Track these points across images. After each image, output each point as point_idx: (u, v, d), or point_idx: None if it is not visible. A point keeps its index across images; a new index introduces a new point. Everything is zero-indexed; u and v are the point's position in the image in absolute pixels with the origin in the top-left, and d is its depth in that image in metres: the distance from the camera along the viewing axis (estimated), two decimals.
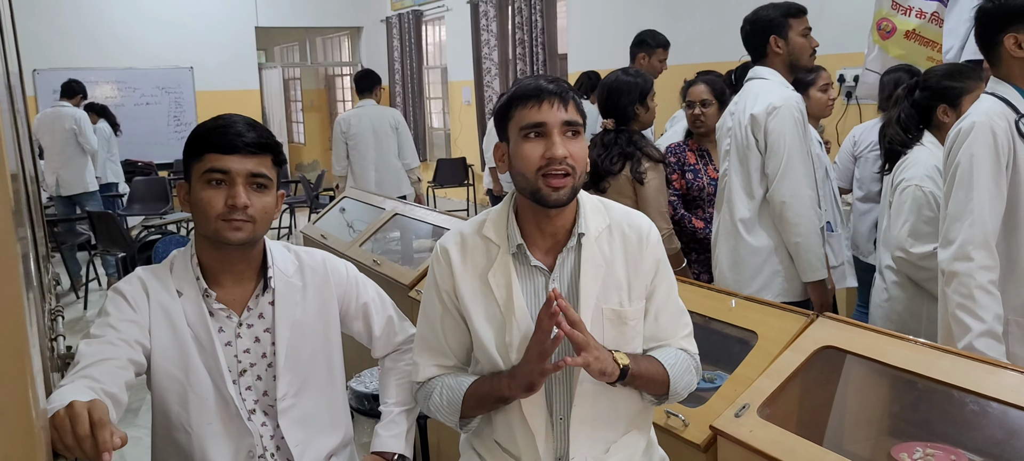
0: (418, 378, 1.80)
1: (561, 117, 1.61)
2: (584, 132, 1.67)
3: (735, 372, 2.11)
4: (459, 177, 10.55)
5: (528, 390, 1.59)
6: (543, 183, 1.62)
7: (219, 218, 1.71)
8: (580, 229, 1.70)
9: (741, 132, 3.00)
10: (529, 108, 1.62)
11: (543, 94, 1.61)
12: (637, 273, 1.72)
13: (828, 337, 2.02)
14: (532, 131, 1.62)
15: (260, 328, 1.83)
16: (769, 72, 3.00)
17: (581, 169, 1.64)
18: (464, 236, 1.76)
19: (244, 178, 1.71)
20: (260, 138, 1.74)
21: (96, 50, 11.10)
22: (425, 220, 4.37)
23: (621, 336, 1.70)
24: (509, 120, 1.67)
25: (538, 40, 9.18)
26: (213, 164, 1.70)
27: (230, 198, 1.70)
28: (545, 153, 1.61)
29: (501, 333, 1.70)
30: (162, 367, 1.76)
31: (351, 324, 1.99)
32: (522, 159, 1.63)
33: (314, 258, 1.93)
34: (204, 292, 1.79)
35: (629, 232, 1.74)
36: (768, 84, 2.98)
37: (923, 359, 1.85)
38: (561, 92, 1.62)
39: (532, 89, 1.63)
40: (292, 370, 1.84)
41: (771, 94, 2.94)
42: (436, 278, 1.76)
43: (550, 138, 1.61)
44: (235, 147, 1.70)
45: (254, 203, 1.72)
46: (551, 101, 1.61)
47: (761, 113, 2.92)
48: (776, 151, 2.91)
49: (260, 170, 1.73)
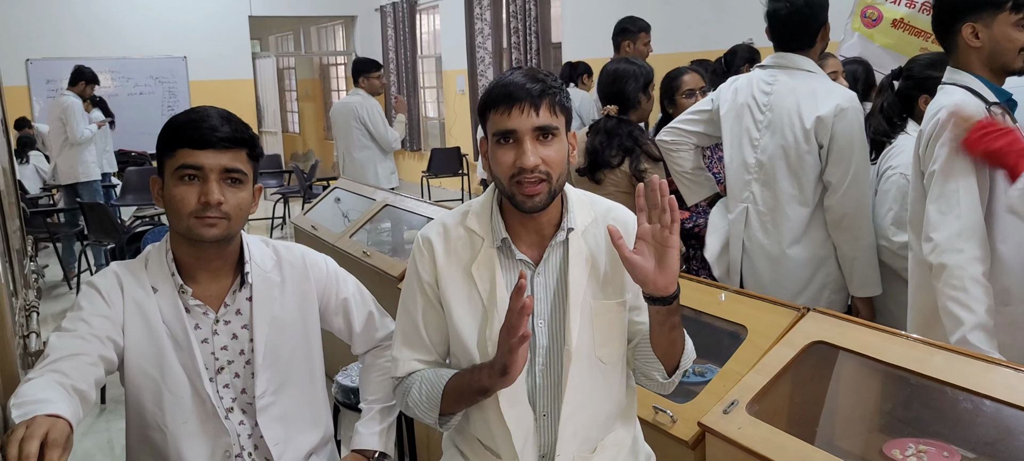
0: (397, 373, 1.75)
1: (532, 123, 1.55)
2: (565, 130, 1.62)
3: (724, 367, 2.07)
4: (453, 166, 10.51)
5: (503, 374, 1.52)
6: (517, 190, 1.58)
7: (192, 216, 1.66)
8: (569, 224, 1.66)
9: (795, 134, 2.69)
10: (500, 113, 1.57)
11: (513, 99, 1.55)
12: (622, 267, 1.68)
13: (819, 332, 1.98)
14: (503, 137, 1.58)
15: (238, 324, 1.79)
16: (811, 64, 2.75)
17: (557, 172, 1.58)
18: (447, 227, 1.72)
19: (218, 174, 1.66)
20: (235, 132, 1.68)
21: (89, 40, 11.04)
22: (416, 211, 4.32)
23: (610, 329, 1.67)
24: (486, 121, 1.62)
25: (532, 29, 9.12)
26: (186, 160, 1.65)
27: (203, 194, 1.65)
28: (516, 161, 1.56)
29: (482, 327, 1.65)
30: (136, 365, 1.71)
31: (331, 320, 1.94)
32: (496, 164, 1.60)
33: (293, 253, 1.89)
34: (180, 288, 1.74)
35: (615, 225, 1.69)
36: (820, 79, 2.73)
37: (916, 355, 1.81)
38: (534, 95, 1.55)
39: (502, 93, 1.57)
40: (271, 367, 1.80)
41: (833, 93, 2.69)
42: (418, 269, 1.71)
43: (521, 146, 1.56)
44: (208, 142, 1.65)
45: (228, 199, 1.67)
46: (522, 106, 1.54)
47: (829, 115, 2.63)
48: (843, 158, 2.63)
49: (235, 165, 1.68)
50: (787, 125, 2.70)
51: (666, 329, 1.60)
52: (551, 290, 1.67)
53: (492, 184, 1.71)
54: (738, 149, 2.86)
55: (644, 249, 1.52)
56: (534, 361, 1.66)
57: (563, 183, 1.64)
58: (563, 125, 1.61)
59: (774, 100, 2.75)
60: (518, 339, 1.46)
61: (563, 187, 1.65)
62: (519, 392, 1.64)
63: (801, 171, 2.70)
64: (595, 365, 1.66)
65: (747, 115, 2.83)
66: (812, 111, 2.65)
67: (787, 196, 2.73)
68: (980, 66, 2.15)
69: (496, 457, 1.69)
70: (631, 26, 4.68)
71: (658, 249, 1.51)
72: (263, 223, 9.45)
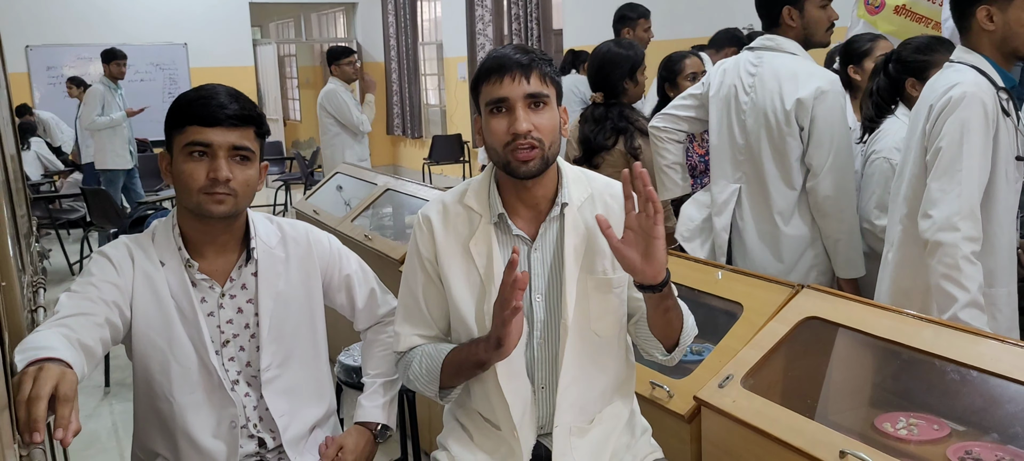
0: (399, 348, 1.80)
1: (524, 90, 1.60)
2: (556, 101, 1.66)
3: (720, 343, 2.10)
4: (455, 153, 10.55)
5: (498, 347, 1.56)
6: (511, 157, 1.62)
7: (201, 191, 1.70)
8: (563, 199, 1.69)
9: (776, 116, 2.70)
10: (492, 83, 1.62)
11: (504, 69, 1.60)
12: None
13: (813, 308, 2.01)
14: (495, 106, 1.62)
15: (243, 299, 1.83)
16: (793, 45, 2.75)
17: (549, 140, 1.63)
18: (446, 205, 1.75)
19: (226, 151, 1.70)
20: (242, 110, 1.72)
21: (90, 26, 11.02)
22: (417, 195, 4.35)
23: (606, 304, 1.70)
24: (479, 95, 1.66)
25: (533, 16, 9.13)
26: (194, 137, 1.68)
27: (212, 171, 1.68)
28: (509, 128, 1.60)
29: (480, 302, 1.69)
30: (144, 335, 1.75)
31: (334, 296, 1.98)
32: (490, 134, 1.64)
33: (297, 230, 1.93)
34: (186, 262, 1.78)
35: (611, 201, 1.73)
36: (800, 61, 2.73)
37: (907, 329, 1.84)
38: (524, 64, 1.60)
39: (494, 64, 1.62)
40: (276, 341, 1.84)
41: (814, 75, 2.67)
42: (418, 246, 1.75)
43: (513, 113, 1.60)
44: (217, 119, 1.68)
45: (236, 176, 1.71)
46: (513, 75, 1.60)
47: (808, 97, 2.63)
48: (823, 142, 2.64)
49: (243, 143, 1.72)
50: (770, 107, 2.72)
51: (660, 312, 1.64)
52: (548, 265, 1.70)
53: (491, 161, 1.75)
54: (727, 131, 2.88)
55: (631, 238, 1.55)
56: (532, 335, 1.70)
57: (556, 153, 1.68)
58: (554, 95, 1.66)
59: (758, 82, 2.77)
60: (510, 312, 1.50)
61: (556, 157, 1.69)
62: (517, 365, 1.68)
63: (784, 153, 2.72)
64: (591, 339, 1.70)
65: (734, 97, 2.85)
66: (792, 93, 2.67)
67: (773, 177, 2.75)
68: (991, 49, 2.17)
69: (495, 429, 1.73)
70: (630, 13, 4.71)
71: (644, 239, 1.53)
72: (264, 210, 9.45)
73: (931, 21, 3.91)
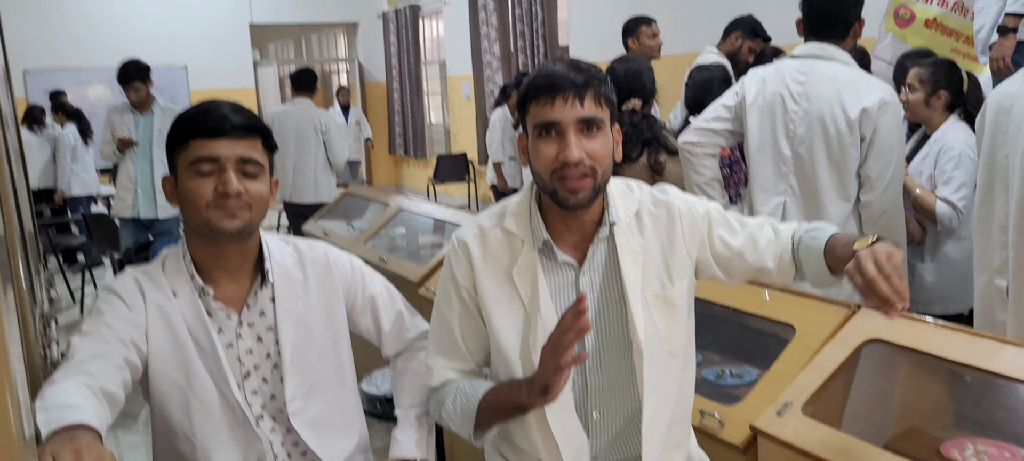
0: (432, 382, 1.68)
1: (577, 114, 1.48)
2: (609, 122, 1.54)
3: (772, 368, 1.98)
4: (460, 173, 10.46)
5: (543, 393, 1.44)
6: (559, 186, 1.50)
7: (210, 206, 1.58)
8: (611, 218, 1.58)
9: (837, 125, 2.60)
10: (542, 104, 1.49)
11: (557, 89, 1.48)
12: (673, 249, 1.61)
13: (874, 330, 1.89)
14: (545, 129, 1.50)
15: (262, 327, 1.70)
16: (846, 56, 2.68)
17: (603, 167, 1.51)
18: (483, 230, 1.64)
19: (234, 163, 1.59)
20: (248, 121, 1.62)
21: (88, 49, 10.93)
22: (430, 215, 4.26)
23: (672, 319, 1.59)
24: (526, 113, 1.54)
25: (539, 32, 9.05)
26: (200, 152, 1.57)
27: (221, 185, 1.57)
28: (559, 154, 1.49)
29: (525, 335, 1.58)
30: (161, 372, 1.63)
31: (358, 320, 1.86)
32: (537, 158, 1.52)
33: (315, 250, 1.81)
34: (200, 290, 1.65)
35: (656, 210, 1.63)
36: (854, 71, 2.66)
37: (979, 351, 1.73)
38: (578, 85, 1.48)
39: (545, 82, 1.49)
40: (299, 370, 1.71)
41: (875, 86, 2.63)
42: (454, 274, 1.63)
43: (565, 138, 1.48)
44: (222, 130, 1.58)
45: (248, 189, 1.60)
46: (565, 96, 1.47)
47: (873, 107, 2.56)
48: (883, 153, 2.57)
49: (250, 155, 1.61)
50: (828, 116, 2.61)
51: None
52: (598, 288, 1.59)
53: (530, 182, 1.63)
54: (770, 141, 2.76)
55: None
56: (583, 364, 1.58)
57: (607, 178, 1.56)
58: (608, 117, 1.54)
59: (810, 89, 2.66)
60: (567, 360, 1.39)
61: (607, 183, 1.57)
62: (565, 401, 1.56)
63: (842, 164, 2.61)
64: (666, 362, 1.59)
65: (779, 105, 2.74)
66: (856, 102, 2.57)
67: (827, 190, 2.64)
68: None
69: None
70: (632, 24, 4.73)
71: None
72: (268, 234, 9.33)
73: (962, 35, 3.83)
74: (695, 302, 1.69)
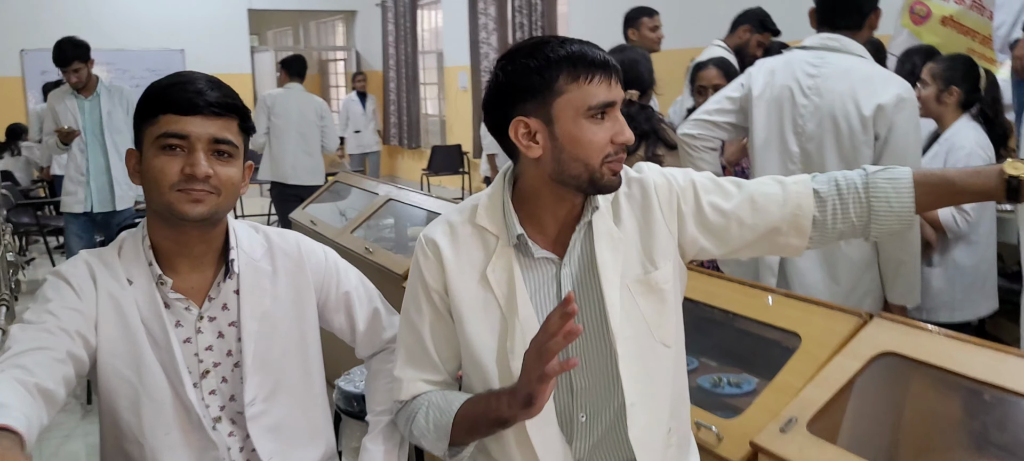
0: (401, 396, 1.52)
1: (620, 95, 1.38)
2: None
3: (775, 379, 1.83)
4: (454, 164, 10.32)
5: (527, 405, 1.29)
6: (607, 171, 1.37)
7: (174, 188, 1.42)
8: (594, 203, 1.44)
9: (850, 122, 2.45)
10: (596, 82, 1.34)
11: (609, 68, 1.35)
12: (652, 229, 1.46)
13: (887, 341, 1.74)
14: (602, 111, 1.36)
15: (224, 321, 1.55)
16: (861, 48, 2.52)
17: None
18: (454, 226, 1.48)
19: (206, 144, 1.43)
20: (225, 98, 1.46)
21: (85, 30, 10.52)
22: (420, 206, 4.12)
23: (661, 304, 1.44)
24: (555, 92, 1.35)
25: (538, 24, 8.92)
26: (169, 127, 1.42)
27: (188, 166, 1.42)
28: (615, 137, 1.36)
29: (502, 340, 1.43)
30: (111, 367, 1.48)
31: (331, 318, 1.71)
32: (584, 145, 1.35)
33: (287, 240, 1.65)
34: (158, 279, 1.50)
35: (630, 190, 1.49)
36: (869, 65, 2.51)
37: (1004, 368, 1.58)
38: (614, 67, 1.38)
39: (598, 58, 1.35)
40: (261, 370, 1.56)
41: (891, 81, 2.47)
42: (423, 275, 1.48)
43: (616, 120, 1.37)
44: (196, 107, 1.42)
45: (218, 172, 1.44)
46: (610, 78, 1.36)
47: (889, 104, 2.39)
48: (899, 154, 2.38)
49: (224, 135, 1.45)
50: (840, 111, 2.45)
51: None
52: (581, 282, 1.44)
53: (501, 173, 1.48)
54: (777, 137, 2.60)
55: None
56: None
57: None
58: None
59: (822, 83, 2.50)
60: (556, 365, 1.23)
61: None
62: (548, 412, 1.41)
63: (854, 163, 2.43)
64: (657, 350, 1.44)
65: (788, 99, 2.57)
66: (871, 98, 2.41)
67: None
68: None
69: None
70: (634, 14, 4.63)
71: None
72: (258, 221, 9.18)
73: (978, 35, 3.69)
74: (691, 304, 1.55)
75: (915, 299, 2.49)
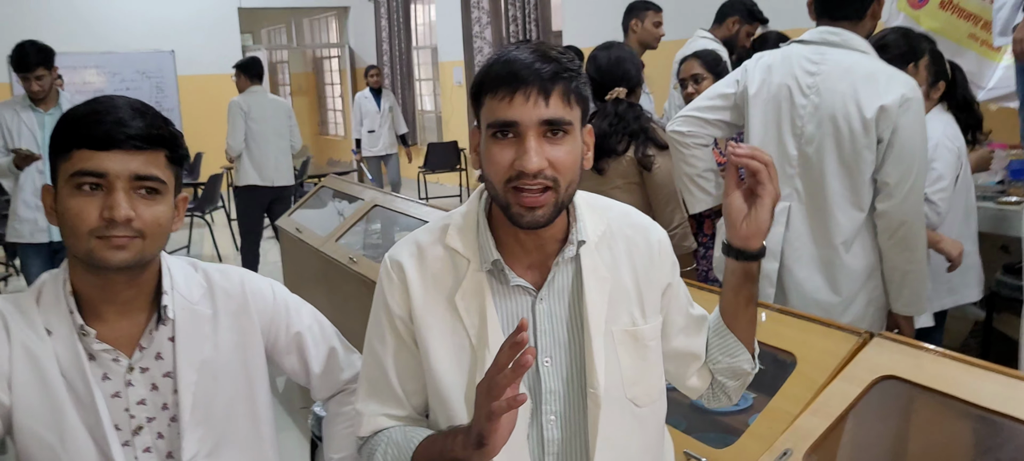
0: (361, 432, 1.39)
1: (540, 114, 1.20)
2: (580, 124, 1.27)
3: (770, 404, 1.71)
4: (451, 161, 10.19)
5: (479, 446, 1.15)
6: (513, 199, 1.23)
7: (93, 235, 1.27)
8: (579, 235, 1.31)
9: (850, 124, 2.29)
10: (499, 98, 1.21)
11: (518, 81, 1.19)
12: (649, 283, 1.35)
13: (888, 364, 1.61)
14: (501, 131, 1.22)
15: (158, 372, 1.40)
16: (864, 43, 2.36)
17: (567, 179, 1.24)
18: (422, 247, 1.36)
19: (126, 182, 1.27)
20: (149, 128, 1.29)
21: (73, 33, 10.63)
22: (408, 212, 3.98)
23: (642, 362, 1.33)
24: (480, 106, 1.26)
25: (531, 17, 8.79)
26: (84, 164, 1.26)
27: (107, 208, 1.26)
28: (515, 162, 1.21)
29: (471, 374, 1.30)
30: (27, 428, 1.33)
31: (281, 360, 1.57)
32: (490, 162, 1.24)
33: (229, 279, 1.50)
34: (79, 329, 1.35)
35: (633, 234, 1.36)
36: (873, 61, 2.36)
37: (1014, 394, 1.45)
38: (545, 78, 1.20)
39: (504, 71, 1.21)
40: (202, 423, 1.42)
41: (895, 79, 2.30)
42: (387, 301, 1.35)
43: (523, 143, 1.21)
44: (114, 140, 1.26)
45: (142, 214, 1.29)
46: (527, 92, 1.19)
47: (893, 105, 2.23)
48: (904, 157, 2.24)
49: (149, 171, 1.29)
50: (840, 113, 2.30)
51: (742, 300, 1.39)
52: (560, 319, 1.32)
53: (478, 189, 1.36)
54: (775, 137, 2.44)
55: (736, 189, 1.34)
56: (538, 410, 1.31)
57: (573, 193, 1.29)
58: (578, 119, 1.26)
59: (822, 82, 2.34)
60: (503, 403, 1.09)
61: (572, 199, 1.30)
62: (519, 454, 1.29)
63: (856, 168, 2.30)
64: (628, 410, 1.32)
65: (786, 98, 2.41)
66: (874, 98, 2.25)
67: (837, 197, 2.33)
68: None
69: None
70: (640, 6, 4.50)
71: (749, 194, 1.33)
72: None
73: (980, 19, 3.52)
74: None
75: (922, 308, 2.36)
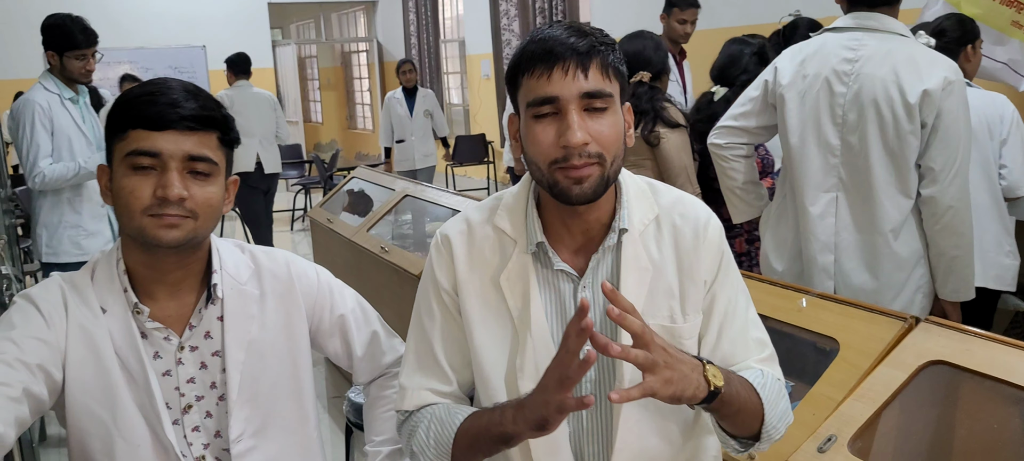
0: (404, 406, 1.38)
1: (580, 87, 1.19)
2: (619, 99, 1.25)
3: (812, 390, 1.69)
4: (479, 155, 10.19)
5: (539, 429, 1.16)
6: (560, 176, 1.22)
7: (146, 213, 1.29)
8: (622, 223, 1.29)
9: (894, 110, 2.24)
10: (537, 76, 1.21)
11: (555, 57, 1.19)
12: (692, 278, 1.31)
13: (935, 349, 1.59)
14: (541, 108, 1.22)
15: (207, 351, 1.42)
16: (902, 26, 2.31)
17: (612, 153, 1.23)
18: (471, 225, 1.36)
19: (180, 162, 1.29)
20: (202, 109, 1.32)
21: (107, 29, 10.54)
22: (439, 202, 3.98)
23: None
24: (517, 89, 1.26)
25: (558, 8, 8.75)
26: (139, 144, 1.28)
27: (160, 187, 1.28)
28: (560, 138, 1.20)
29: (512, 355, 1.30)
30: (82, 404, 1.35)
31: (325, 343, 1.57)
32: (533, 143, 1.24)
33: (275, 261, 1.51)
34: (134, 308, 1.37)
35: (681, 224, 1.33)
36: (913, 45, 2.31)
37: None
38: (582, 52, 1.19)
39: (540, 49, 1.21)
40: (249, 403, 1.43)
41: (937, 63, 2.26)
42: (435, 275, 1.36)
43: (565, 118, 1.20)
44: (169, 121, 1.28)
45: (194, 194, 1.31)
46: (565, 66, 1.19)
47: (936, 89, 2.19)
48: (949, 141, 2.20)
49: (201, 152, 1.31)
50: (883, 98, 2.25)
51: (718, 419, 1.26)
52: (600, 306, 1.30)
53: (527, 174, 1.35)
54: (814, 128, 2.39)
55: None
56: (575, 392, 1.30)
57: (618, 169, 1.27)
58: (617, 93, 1.24)
59: (861, 67, 2.29)
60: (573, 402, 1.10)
61: (618, 175, 1.28)
62: (560, 438, 1.28)
63: (901, 155, 2.25)
64: (652, 406, 1.28)
65: (824, 88, 2.36)
66: (916, 83, 2.20)
67: (884, 184, 2.28)
68: None
69: None
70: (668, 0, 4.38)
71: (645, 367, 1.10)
72: (284, 215, 9.13)
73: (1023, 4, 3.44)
74: None
75: (969, 293, 2.31)
